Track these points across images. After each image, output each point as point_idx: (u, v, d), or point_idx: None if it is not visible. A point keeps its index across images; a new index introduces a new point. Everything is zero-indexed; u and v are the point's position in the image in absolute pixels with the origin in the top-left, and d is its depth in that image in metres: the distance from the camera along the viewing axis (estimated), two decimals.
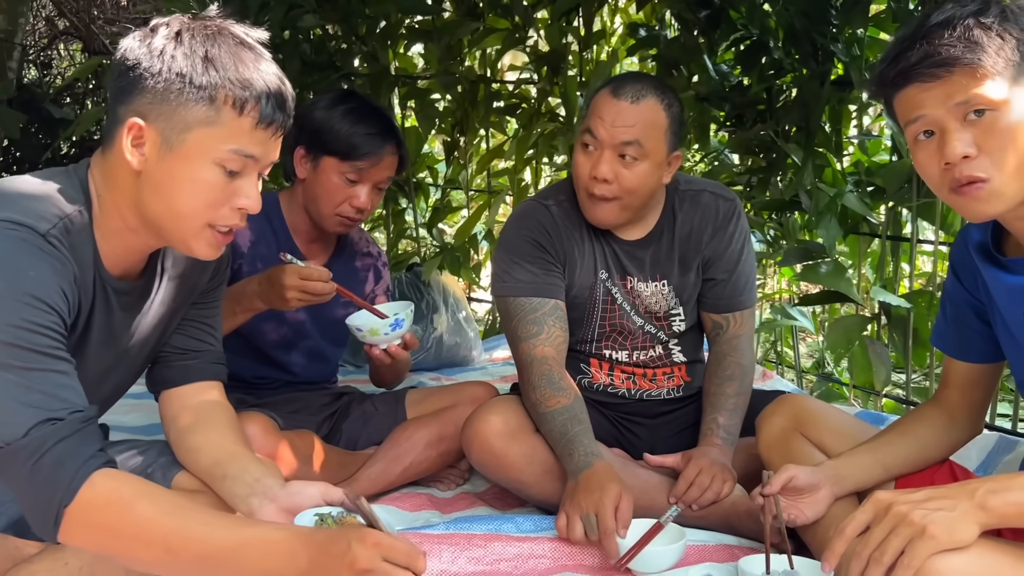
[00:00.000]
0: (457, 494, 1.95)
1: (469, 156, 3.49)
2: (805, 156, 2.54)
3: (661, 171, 1.76)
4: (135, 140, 1.18)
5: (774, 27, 2.61)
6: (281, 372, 2.00)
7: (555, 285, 1.81)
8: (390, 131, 1.91)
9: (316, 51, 3.15)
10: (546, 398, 1.71)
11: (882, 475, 1.45)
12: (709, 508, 1.67)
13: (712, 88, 2.73)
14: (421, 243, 3.58)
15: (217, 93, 1.17)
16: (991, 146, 1.14)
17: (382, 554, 1.08)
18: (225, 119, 1.18)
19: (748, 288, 1.92)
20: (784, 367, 3.26)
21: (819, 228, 2.48)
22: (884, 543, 1.04)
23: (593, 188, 1.73)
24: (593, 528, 1.49)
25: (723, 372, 1.87)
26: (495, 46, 3.10)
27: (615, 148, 1.70)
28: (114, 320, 1.29)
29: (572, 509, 1.53)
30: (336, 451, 1.88)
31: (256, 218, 1.89)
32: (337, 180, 1.87)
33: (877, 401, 2.72)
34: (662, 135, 1.72)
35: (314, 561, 1.08)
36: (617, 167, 1.71)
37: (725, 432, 1.79)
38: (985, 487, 1.05)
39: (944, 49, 1.14)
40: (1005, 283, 1.26)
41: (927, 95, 1.16)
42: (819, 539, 1.46)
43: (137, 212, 1.22)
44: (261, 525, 1.17)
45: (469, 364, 3.04)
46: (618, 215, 1.77)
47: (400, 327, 1.77)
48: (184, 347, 1.44)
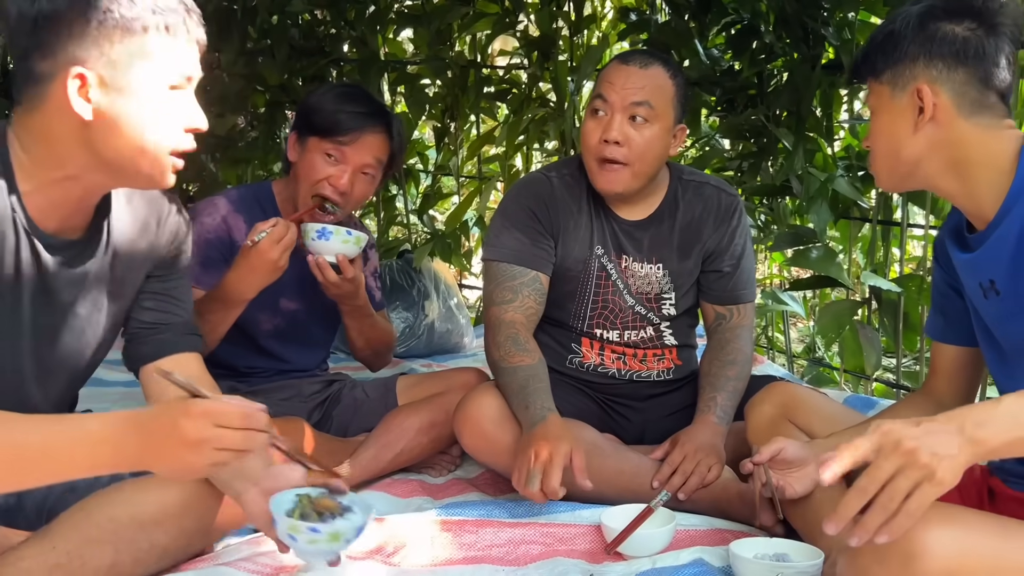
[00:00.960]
0: (449, 480, 1.96)
1: (459, 142, 3.47)
2: (796, 141, 2.53)
3: (668, 139, 1.79)
4: (80, 90, 1.16)
5: (765, 11, 2.60)
6: (274, 361, 1.99)
7: (540, 257, 1.83)
8: (377, 114, 1.89)
9: (305, 36, 3.13)
10: (509, 355, 1.74)
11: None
12: (699, 492, 1.67)
13: (703, 73, 2.72)
14: (412, 230, 3.57)
15: (147, 23, 1.18)
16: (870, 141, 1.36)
17: (213, 421, 1.06)
18: (160, 46, 1.19)
19: (750, 282, 1.96)
20: (775, 352, 3.27)
21: (810, 213, 2.48)
22: (892, 485, 0.99)
23: (604, 152, 1.75)
24: (537, 486, 1.51)
25: (724, 356, 1.89)
26: (485, 31, 3.07)
27: (626, 110, 1.74)
28: (48, 277, 1.26)
29: (522, 462, 1.56)
30: (326, 438, 1.88)
31: (252, 208, 1.91)
32: (319, 158, 1.85)
33: (868, 385, 2.73)
34: (669, 101, 1.77)
35: (143, 445, 1.06)
36: (628, 129, 1.74)
37: (722, 411, 1.80)
38: (971, 420, 1.02)
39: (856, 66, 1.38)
40: (962, 260, 1.34)
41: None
42: (807, 520, 1.48)
43: (87, 158, 1.20)
44: (82, 418, 1.13)
45: (461, 351, 3.04)
46: (628, 182, 1.78)
47: (326, 237, 1.74)
48: (154, 321, 1.43)
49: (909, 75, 1.28)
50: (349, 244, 1.78)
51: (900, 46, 1.29)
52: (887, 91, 1.31)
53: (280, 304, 1.93)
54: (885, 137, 1.33)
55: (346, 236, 1.77)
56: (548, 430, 1.59)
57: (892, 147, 1.32)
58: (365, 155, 1.86)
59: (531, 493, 1.53)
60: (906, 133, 1.29)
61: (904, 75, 1.29)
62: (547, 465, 1.52)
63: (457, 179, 3.60)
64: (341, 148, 1.84)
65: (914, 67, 1.28)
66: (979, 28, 1.26)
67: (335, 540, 1.21)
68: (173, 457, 1.07)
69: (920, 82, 1.27)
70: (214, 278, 1.82)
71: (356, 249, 1.80)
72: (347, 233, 1.77)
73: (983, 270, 1.29)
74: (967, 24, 1.26)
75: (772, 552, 1.42)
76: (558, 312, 1.90)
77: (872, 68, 1.33)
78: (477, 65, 3.22)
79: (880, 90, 1.32)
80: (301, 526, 1.20)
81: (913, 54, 1.28)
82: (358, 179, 1.88)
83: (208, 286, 1.82)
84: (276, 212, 1.94)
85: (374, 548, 1.48)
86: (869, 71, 1.34)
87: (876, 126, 1.35)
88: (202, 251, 1.85)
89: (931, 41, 1.27)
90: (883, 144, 1.34)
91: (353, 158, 1.85)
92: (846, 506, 1.02)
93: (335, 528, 1.21)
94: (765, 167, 2.72)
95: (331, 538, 1.21)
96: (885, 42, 1.31)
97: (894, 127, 1.31)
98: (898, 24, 1.30)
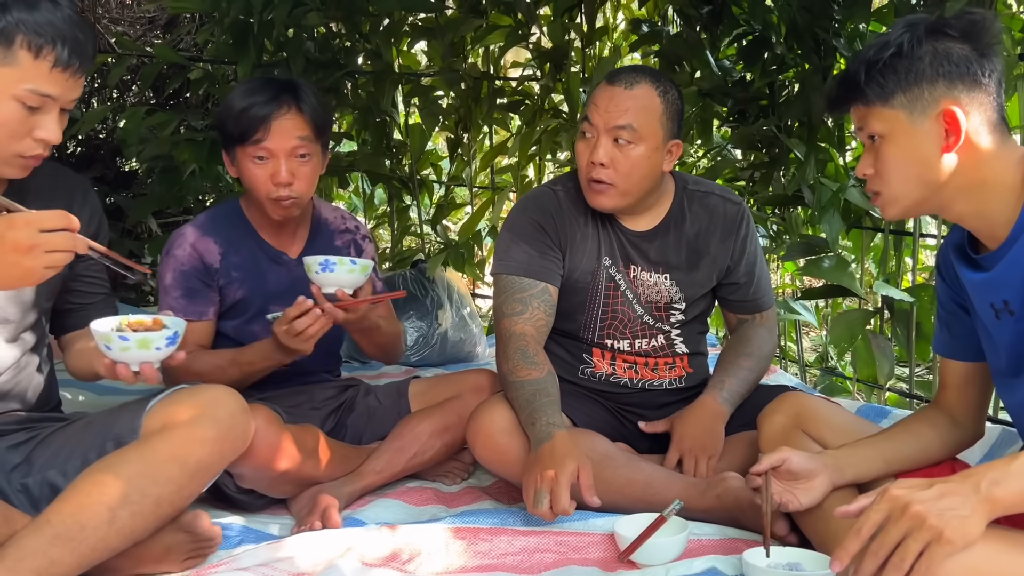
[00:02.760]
0: (463, 488, 1.97)
1: (473, 153, 3.50)
2: (807, 151, 2.54)
3: (659, 157, 1.79)
4: None
5: (776, 22, 2.61)
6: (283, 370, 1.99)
7: (549, 269, 1.84)
8: (279, 96, 1.81)
9: (320, 49, 3.16)
10: (517, 368, 1.75)
11: (883, 469, 1.46)
12: (712, 501, 1.67)
13: (714, 83, 2.73)
14: (425, 240, 3.59)
15: (13, 36, 1.27)
16: (879, 168, 1.30)
17: (37, 227, 1.18)
18: (22, 60, 1.29)
19: (767, 288, 2.01)
20: (787, 361, 3.27)
21: (822, 223, 2.49)
22: (903, 548, 1.04)
23: (591, 173, 1.77)
24: (545, 506, 1.52)
25: (742, 348, 1.93)
26: (498, 43, 3.10)
27: (609, 132, 1.75)
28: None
29: (529, 482, 1.57)
30: (340, 445, 1.89)
31: (221, 228, 1.91)
32: (251, 166, 1.81)
33: (880, 395, 2.73)
34: (657, 120, 1.76)
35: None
36: (612, 151, 1.75)
37: (728, 393, 1.83)
38: (988, 478, 1.05)
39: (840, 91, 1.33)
40: (972, 279, 1.32)
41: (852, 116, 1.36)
42: (818, 531, 1.48)
43: None
44: None
45: (473, 360, 3.05)
46: (617, 201, 1.80)
47: (330, 269, 1.73)
48: (82, 301, 1.64)
49: (929, 98, 1.23)
50: (355, 273, 1.75)
51: (915, 67, 1.24)
52: (901, 116, 1.25)
53: (272, 310, 1.91)
54: (902, 164, 1.27)
55: (351, 266, 1.74)
56: (554, 449, 1.59)
57: (912, 174, 1.27)
58: (286, 140, 1.80)
59: (540, 512, 1.54)
60: (930, 158, 1.25)
61: (923, 98, 1.24)
62: (553, 484, 1.53)
63: (470, 190, 3.62)
64: (262, 146, 1.79)
65: (934, 89, 1.23)
66: (977, 46, 1.24)
67: (144, 346, 1.37)
68: (8, 266, 1.18)
69: (944, 104, 1.23)
70: (202, 306, 1.87)
71: (362, 277, 1.78)
72: (351, 263, 1.74)
73: (997, 290, 1.27)
74: (970, 44, 1.24)
75: (785, 561, 1.42)
76: (568, 324, 1.92)
77: (880, 92, 1.26)
78: (490, 77, 3.25)
79: (891, 115, 1.26)
80: (113, 335, 1.36)
81: (931, 76, 1.23)
82: (294, 165, 1.81)
83: (199, 316, 1.86)
84: (246, 226, 1.93)
85: (389, 556, 1.50)
86: (876, 96, 1.26)
87: (889, 153, 1.28)
88: (181, 284, 1.86)
89: (947, 61, 1.23)
90: (899, 172, 1.28)
91: (278, 149, 1.80)
92: (863, 572, 1.06)
93: (145, 336, 1.37)
94: (777, 177, 2.73)
95: (140, 344, 1.36)
96: (893, 64, 1.25)
97: (915, 153, 1.26)
98: (904, 44, 1.24)
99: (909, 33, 1.26)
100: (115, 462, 1.36)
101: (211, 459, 1.44)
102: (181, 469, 1.39)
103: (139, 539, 1.37)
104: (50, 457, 1.47)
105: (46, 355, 1.59)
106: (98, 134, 4.16)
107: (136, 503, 1.33)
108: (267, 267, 1.94)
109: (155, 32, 4.26)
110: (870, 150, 1.32)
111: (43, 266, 1.20)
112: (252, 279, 1.92)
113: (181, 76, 3.31)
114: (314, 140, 1.85)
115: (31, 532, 1.26)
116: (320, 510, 1.66)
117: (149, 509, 1.35)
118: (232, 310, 1.93)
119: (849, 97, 1.30)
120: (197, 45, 3.71)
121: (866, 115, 1.29)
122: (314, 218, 2.01)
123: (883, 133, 1.28)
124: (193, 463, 1.41)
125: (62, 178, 1.46)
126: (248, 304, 1.93)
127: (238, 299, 1.92)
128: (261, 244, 1.94)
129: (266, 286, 1.92)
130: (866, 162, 1.32)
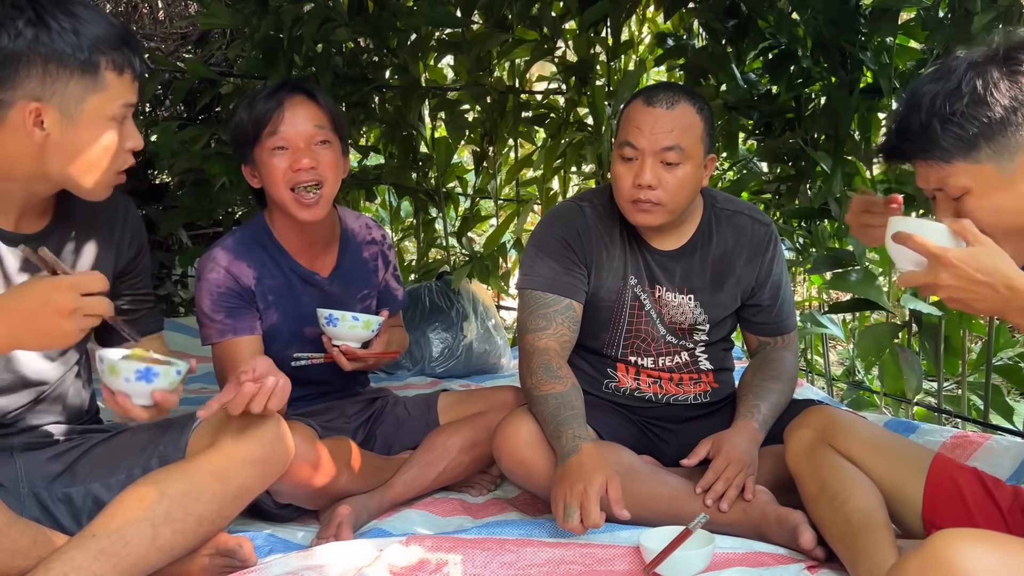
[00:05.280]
0: (489, 499, 1.98)
1: (498, 166, 3.53)
2: (834, 164, 2.54)
3: (701, 173, 1.80)
4: (35, 120, 1.31)
5: (802, 36, 2.61)
6: (312, 387, 2.00)
7: (573, 285, 1.85)
8: (287, 86, 1.83)
9: (348, 64, 3.21)
10: (541, 383, 1.75)
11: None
12: (738, 515, 1.67)
13: (740, 97, 2.74)
14: (451, 252, 3.61)
15: (99, 61, 1.32)
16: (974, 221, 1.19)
17: (80, 291, 1.21)
18: (109, 82, 1.34)
19: (791, 311, 1.98)
20: (814, 375, 3.25)
21: (849, 236, 2.48)
22: None
23: (639, 195, 1.75)
24: (576, 520, 1.53)
25: (769, 371, 1.91)
26: (523, 57, 3.13)
27: (657, 155, 1.73)
28: (5, 266, 1.42)
29: (559, 496, 1.57)
30: (372, 456, 1.91)
31: (252, 251, 1.89)
32: (271, 159, 1.79)
33: (908, 409, 2.71)
34: (698, 137, 1.76)
35: (15, 324, 1.19)
36: (660, 173, 1.74)
37: (763, 419, 1.81)
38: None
39: (905, 146, 1.22)
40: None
41: (916, 173, 1.24)
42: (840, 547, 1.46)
43: (38, 173, 1.36)
44: None
45: (499, 371, 3.06)
46: (664, 219, 1.80)
47: (333, 324, 1.78)
48: (127, 318, 1.61)
49: (1016, 144, 1.15)
50: (356, 329, 1.78)
51: (996, 113, 1.15)
52: (989, 169, 1.17)
53: (305, 333, 1.92)
54: (995, 220, 1.18)
55: (352, 322, 1.77)
56: (582, 462, 1.59)
57: (1007, 227, 1.19)
58: (303, 124, 1.79)
59: (571, 527, 1.54)
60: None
61: (1010, 146, 1.15)
62: (583, 498, 1.54)
63: (495, 202, 3.65)
64: (279, 135, 1.78)
65: (1020, 132, 1.15)
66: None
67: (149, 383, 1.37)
68: (48, 326, 1.20)
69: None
70: (250, 320, 1.84)
71: (367, 333, 1.80)
72: (353, 319, 1.77)
73: None
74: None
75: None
76: (592, 341, 1.92)
77: (962, 147, 1.16)
78: (515, 91, 3.27)
79: (976, 170, 1.17)
80: (121, 366, 1.36)
81: (1015, 121, 1.14)
82: (316, 151, 1.80)
83: (250, 331, 1.84)
84: (276, 248, 1.90)
85: (416, 565, 1.51)
86: (958, 151, 1.16)
87: (977, 209, 1.19)
88: (222, 305, 1.84)
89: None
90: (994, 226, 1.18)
91: (296, 136, 1.79)
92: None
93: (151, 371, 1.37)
94: (803, 190, 2.73)
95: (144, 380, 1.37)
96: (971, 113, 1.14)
97: (1010, 205, 1.18)
98: (978, 88, 1.15)
99: (976, 74, 1.17)
100: (160, 479, 1.38)
101: (253, 481, 1.46)
102: (225, 489, 1.41)
103: (178, 556, 1.39)
104: (94, 469, 1.50)
105: (85, 364, 1.63)
106: None
107: (179, 521, 1.35)
108: (301, 290, 1.93)
109: (187, 47, 4.34)
110: (950, 205, 1.22)
111: (79, 328, 1.22)
112: (286, 302, 1.91)
113: (212, 91, 3.37)
114: (331, 130, 1.83)
115: (76, 546, 1.29)
116: (334, 526, 1.68)
117: (191, 527, 1.37)
118: (266, 336, 1.90)
119: (917, 153, 1.21)
120: (228, 60, 3.77)
121: (944, 172, 1.20)
122: (342, 232, 2.00)
123: (969, 188, 1.19)
124: (236, 484, 1.43)
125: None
126: (282, 329, 1.91)
127: (273, 323, 1.90)
128: (294, 266, 1.92)
129: (300, 308, 1.92)
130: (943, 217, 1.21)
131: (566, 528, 1.55)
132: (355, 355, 1.83)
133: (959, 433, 2.03)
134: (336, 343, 1.82)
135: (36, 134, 1.31)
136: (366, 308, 2.02)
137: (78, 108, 1.32)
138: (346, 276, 1.99)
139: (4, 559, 1.29)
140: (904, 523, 1.52)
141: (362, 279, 2.02)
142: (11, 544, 1.29)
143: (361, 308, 2.00)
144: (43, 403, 1.52)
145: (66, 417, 1.57)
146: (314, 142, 1.81)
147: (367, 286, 2.03)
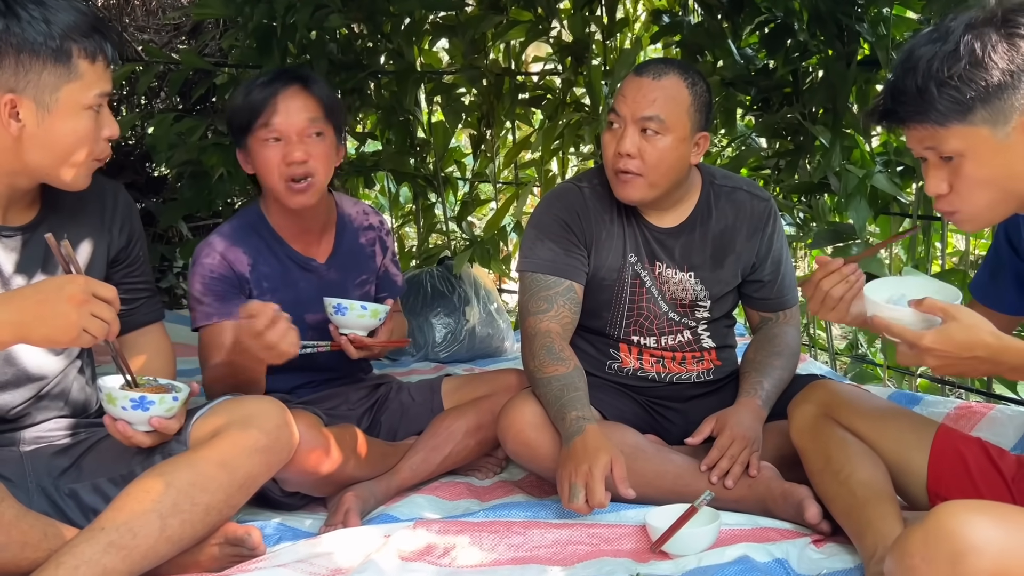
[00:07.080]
0: (495, 482, 1.99)
1: (496, 149, 3.52)
2: (833, 138, 2.53)
3: (686, 148, 1.78)
4: (11, 112, 1.32)
5: (798, 9, 2.59)
6: (315, 374, 2.01)
7: (574, 267, 1.85)
8: (283, 76, 1.83)
9: (343, 50, 3.19)
10: (544, 366, 1.76)
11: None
12: (743, 491, 1.68)
13: (737, 72, 2.72)
14: (451, 236, 3.61)
15: (70, 50, 1.33)
16: (959, 187, 1.21)
17: (92, 290, 1.24)
18: (83, 70, 1.35)
19: (792, 286, 1.98)
20: (817, 349, 3.25)
21: (849, 209, 2.47)
22: None
23: (619, 164, 1.77)
24: (581, 500, 1.54)
25: (771, 347, 1.92)
26: (519, 38, 3.11)
27: (637, 123, 1.75)
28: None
29: (564, 477, 1.59)
30: (378, 443, 1.92)
31: (248, 237, 1.90)
32: (264, 149, 1.80)
33: (912, 381, 2.71)
34: (684, 111, 1.76)
35: (24, 308, 1.21)
36: (640, 141, 1.75)
37: (766, 396, 1.83)
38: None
39: (900, 109, 1.21)
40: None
41: (906, 134, 1.24)
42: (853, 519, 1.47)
43: (17, 165, 1.37)
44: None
45: (502, 355, 3.07)
46: (644, 192, 1.79)
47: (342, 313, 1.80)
48: (124, 308, 1.58)
49: (1010, 107, 1.14)
50: (365, 318, 1.80)
51: (993, 76, 1.13)
52: (984, 132, 1.16)
53: (307, 319, 1.93)
54: (987, 181, 1.19)
55: (361, 311, 1.79)
56: (586, 443, 1.60)
57: (998, 189, 1.20)
58: (296, 117, 1.80)
59: (576, 507, 1.56)
60: (1021, 170, 1.17)
61: (1005, 109, 1.15)
62: (588, 479, 1.55)
63: (494, 185, 3.64)
64: (273, 126, 1.79)
65: (1015, 96, 1.14)
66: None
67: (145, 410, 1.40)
68: (56, 312, 1.22)
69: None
70: (234, 307, 1.82)
71: (374, 321, 1.82)
72: (361, 308, 1.79)
73: None
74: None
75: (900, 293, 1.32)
76: (594, 321, 1.93)
77: (958, 110, 1.15)
78: (511, 72, 3.26)
79: (971, 132, 1.17)
80: (117, 396, 1.39)
81: (1012, 84, 1.13)
82: (309, 143, 1.80)
83: (229, 315, 1.83)
84: (271, 234, 1.92)
85: (424, 550, 1.52)
86: (953, 114, 1.15)
87: (971, 172, 1.19)
88: (213, 289, 1.85)
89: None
90: (984, 190, 1.20)
91: (289, 127, 1.79)
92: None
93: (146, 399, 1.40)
94: (802, 165, 2.71)
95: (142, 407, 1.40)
96: (969, 76, 1.13)
97: (1003, 169, 1.18)
98: (976, 50, 1.13)
99: (974, 36, 1.15)
100: (166, 470, 1.39)
101: (259, 469, 1.47)
102: (231, 478, 1.42)
103: (187, 547, 1.40)
104: (100, 464, 1.51)
105: (88, 360, 1.63)
106: (128, 141, 4.22)
107: (186, 511, 1.36)
108: (298, 276, 1.94)
109: (181, 39, 4.32)
110: (940, 167, 1.22)
111: (83, 327, 1.24)
112: (283, 289, 1.92)
113: (207, 81, 3.35)
114: (325, 120, 1.83)
115: (85, 539, 1.30)
116: (342, 513, 1.69)
117: (199, 517, 1.38)
118: None
119: (912, 116, 1.19)
120: (222, 50, 3.75)
121: (938, 134, 1.18)
122: (338, 217, 2.01)
123: (963, 151, 1.19)
124: (243, 473, 1.44)
125: (94, 183, 1.50)
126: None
127: None
128: (290, 253, 1.93)
129: (297, 294, 1.93)
130: (937, 180, 1.22)
131: (572, 509, 1.56)
132: (362, 343, 1.84)
133: (963, 404, 2.04)
134: (343, 332, 1.83)
135: (12, 126, 1.32)
136: (365, 294, 2.02)
137: (53, 98, 1.33)
138: (343, 262, 1.99)
139: (15, 551, 1.30)
140: (909, 495, 1.53)
141: (360, 265, 2.03)
142: (22, 536, 1.30)
143: (360, 294, 2.00)
144: (45, 399, 1.52)
145: (70, 412, 1.57)
146: (307, 134, 1.81)
147: (365, 271, 2.04)
